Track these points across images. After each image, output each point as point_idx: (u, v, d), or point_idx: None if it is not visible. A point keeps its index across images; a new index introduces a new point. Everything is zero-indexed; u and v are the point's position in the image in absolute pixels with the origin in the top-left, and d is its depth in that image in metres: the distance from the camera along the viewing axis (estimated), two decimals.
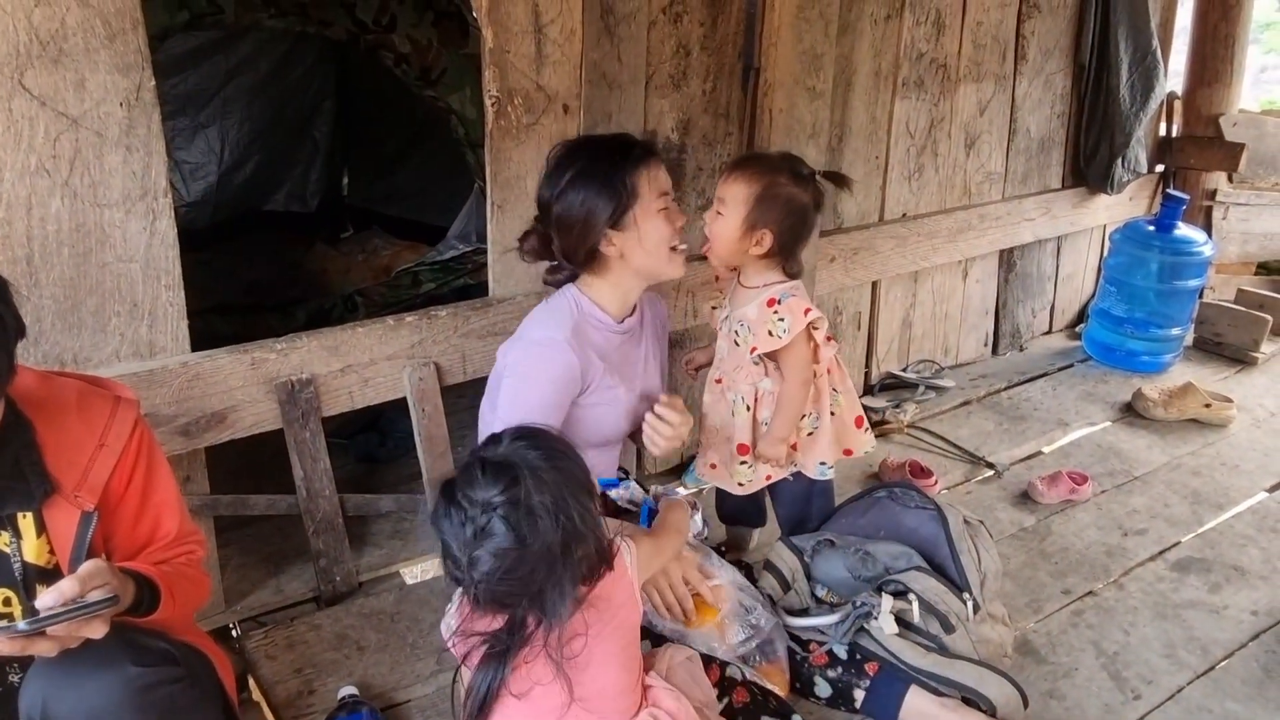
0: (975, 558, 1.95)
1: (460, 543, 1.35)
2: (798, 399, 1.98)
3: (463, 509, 1.35)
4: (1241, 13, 3.62)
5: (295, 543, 2.27)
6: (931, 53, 2.97)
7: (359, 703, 1.77)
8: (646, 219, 1.79)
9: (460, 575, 1.37)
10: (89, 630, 1.19)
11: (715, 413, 2.07)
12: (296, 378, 2.00)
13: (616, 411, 1.90)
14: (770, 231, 1.90)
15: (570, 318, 1.84)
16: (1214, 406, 3.00)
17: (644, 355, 1.98)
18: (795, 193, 1.90)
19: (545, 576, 1.35)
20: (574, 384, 1.81)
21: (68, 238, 1.73)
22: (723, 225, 1.92)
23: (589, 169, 1.78)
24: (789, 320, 1.91)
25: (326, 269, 3.93)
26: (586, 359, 1.82)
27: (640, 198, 1.77)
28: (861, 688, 1.80)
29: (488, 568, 1.33)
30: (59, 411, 1.34)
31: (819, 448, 2.06)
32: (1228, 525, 2.51)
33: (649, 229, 1.79)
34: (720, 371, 2.06)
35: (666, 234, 1.81)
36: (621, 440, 2.04)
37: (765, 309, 1.94)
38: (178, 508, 1.48)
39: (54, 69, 1.63)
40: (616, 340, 1.90)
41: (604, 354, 1.86)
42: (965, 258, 3.30)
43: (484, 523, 1.33)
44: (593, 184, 1.76)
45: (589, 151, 1.82)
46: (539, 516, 1.33)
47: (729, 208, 1.91)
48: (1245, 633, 2.10)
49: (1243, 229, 3.91)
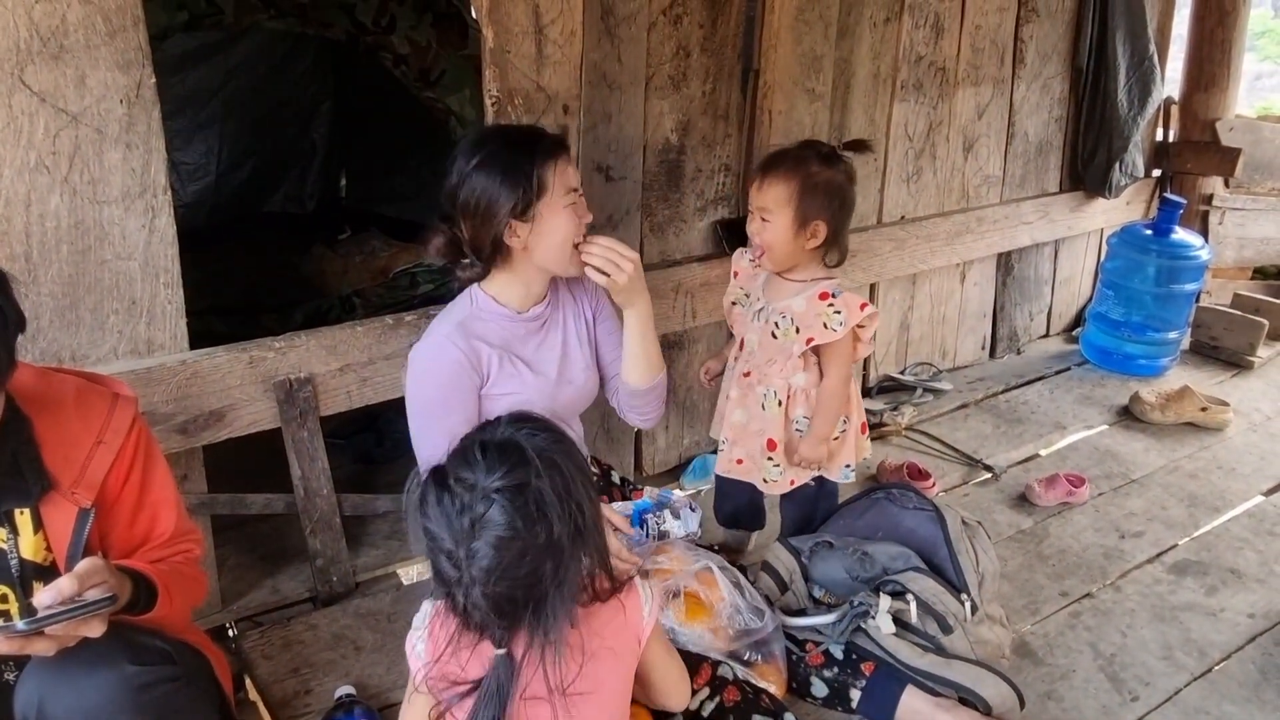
0: (973, 559, 1.95)
1: (455, 534, 1.20)
2: (839, 395, 1.97)
3: (457, 496, 1.20)
4: (1238, 18, 3.64)
5: (292, 543, 2.27)
6: (930, 56, 2.97)
7: (355, 702, 1.76)
8: (553, 213, 1.76)
9: (451, 574, 1.21)
10: (87, 629, 1.19)
11: (742, 407, 2.05)
12: (294, 376, 2.00)
13: (528, 396, 1.85)
14: (823, 221, 1.90)
15: (461, 314, 1.83)
16: (1210, 410, 3.01)
17: (562, 340, 1.94)
18: (831, 175, 1.91)
19: (550, 576, 1.21)
20: (464, 377, 1.79)
21: (67, 235, 1.73)
22: (774, 230, 1.91)
23: (496, 156, 1.74)
24: (845, 314, 1.91)
25: (324, 270, 3.93)
26: (474, 351, 1.80)
27: (547, 191, 1.74)
28: (858, 688, 1.80)
29: (487, 562, 1.18)
30: (57, 408, 1.34)
31: (845, 450, 2.05)
32: (1224, 528, 2.51)
33: (555, 223, 1.76)
34: (750, 365, 2.04)
35: (571, 230, 1.78)
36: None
37: (818, 302, 1.93)
38: (175, 505, 1.47)
39: (54, 65, 1.63)
40: (521, 330, 1.87)
41: (505, 344, 1.84)
42: (963, 261, 3.30)
43: (484, 510, 1.18)
44: (499, 172, 1.73)
45: (498, 140, 1.79)
46: (548, 503, 1.20)
47: (774, 213, 1.90)
48: (1242, 635, 2.10)
49: (1239, 233, 3.92)
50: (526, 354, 1.88)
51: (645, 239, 2.51)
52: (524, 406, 1.82)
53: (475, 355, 1.80)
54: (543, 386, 1.88)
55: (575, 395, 1.96)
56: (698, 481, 2.75)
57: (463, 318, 1.83)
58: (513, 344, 1.86)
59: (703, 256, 2.61)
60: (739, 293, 2.13)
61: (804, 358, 1.97)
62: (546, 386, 1.89)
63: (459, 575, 1.21)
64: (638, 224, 2.48)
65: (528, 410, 1.32)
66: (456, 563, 1.21)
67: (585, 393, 1.99)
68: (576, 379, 1.95)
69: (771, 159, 1.97)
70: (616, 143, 2.35)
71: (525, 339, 1.88)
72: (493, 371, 1.82)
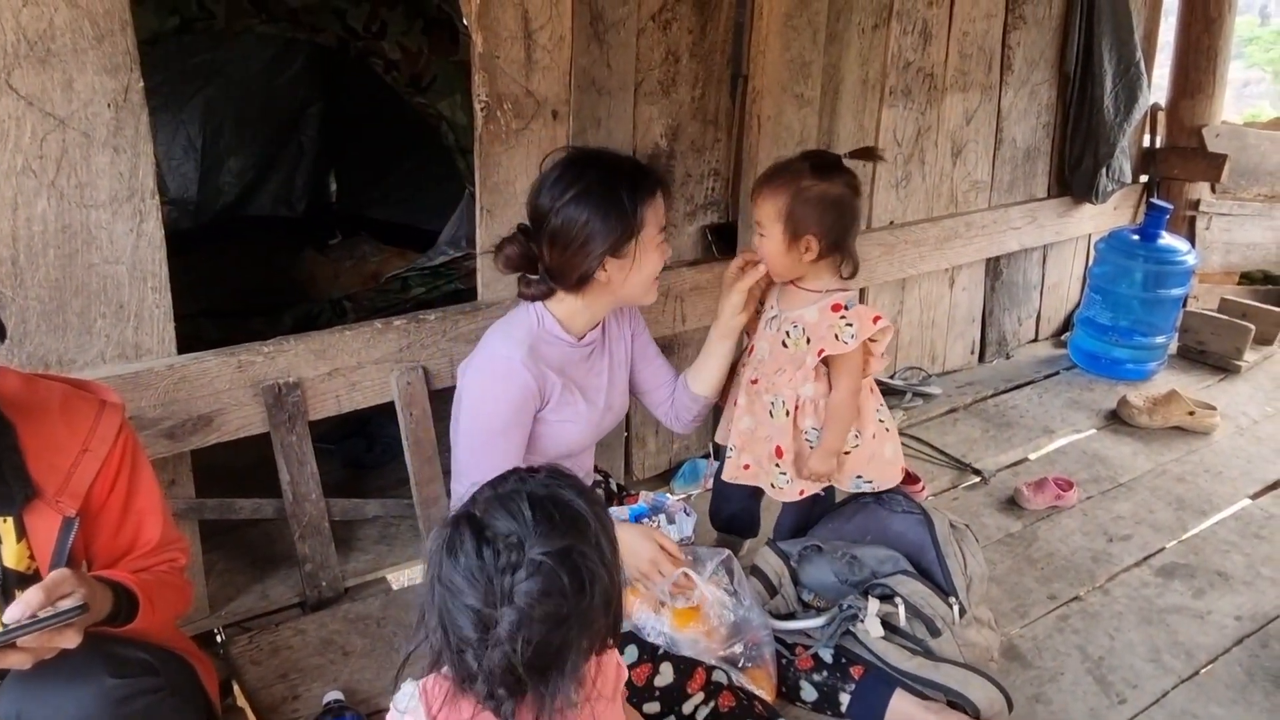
0: (961, 562, 1.96)
1: (489, 592, 1.09)
2: (849, 407, 1.94)
3: (500, 553, 1.09)
4: (1223, 26, 3.67)
5: (280, 548, 2.26)
6: (918, 62, 2.99)
7: (344, 708, 1.76)
8: (646, 252, 1.76)
9: (469, 633, 1.10)
10: (62, 640, 1.17)
11: (750, 415, 2.03)
12: (283, 381, 1.99)
13: (579, 425, 1.89)
14: (814, 235, 1.87)
15: (528, 335, 1.81)
16: (1198, 414, 3.02)
17: (607, 367, 1.96)
18: (825, 188, 1.87)
19: (576, 644, 1.12)
20: (531, 403, 1.79)
21: (54, 238, 1.72)
22: (768, 245, 1.90)
23: (600, 188, 1.70)
24: (856, 326, 1.88)
25: (315, 275, 3.92)
26: (542, 376, 1.79)
27: (645, 229, 1.74)
28: (847, 691, 1.80)
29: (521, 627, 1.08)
30: (42, 414, 1.33)
31: (856, 462, 2.01)
32: (1211, 531, 2.53)
33: (646, 261, 1.77)
34: (758, 373, 2.02)
35: (658, 268, 1.80)
36: (585, 450, 2.02)
37: (830, 313, 1.91)
38: (161, 514, 1.46)
39: (41, 69, 1.63)
40: (576, 355, 1.88)
41: (562, 369, 1.84)
42: (952, 266, 3.32)
43: (529, 572, 1.08)
44: (602, 206, 1.69)
45: (601, 169, 1.74)
46: (593, 571, 1.11)
47: (767, 227, 1.89)
48: (1229, 638, 2.11)
49: (1226, 239, 3.95)
50: (580, 380, 1.89)
51: None
52: (572, 433, 1.87)
53: (543, 381, 1.80)
54: (588, 412, 1.90)
55: (611, 421, 1.99)
56: (687, 486, 2.75)
57: (531, 340, 1.81)
58: (569, 370, 1.86)
59: (692, 261, 2.62)
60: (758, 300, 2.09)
61: (815, 369, 1.95)
62: (594, 415, 1.92)
63: (479, 636, 1.10)
64: None
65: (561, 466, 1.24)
66: (482, 622, 1.09)
67: (620, 417, 2.03)
68: (616, 404, 1.98)
69: (768, 173, 1.94)
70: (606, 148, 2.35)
71: (579, 365, 1.89)
72: (553, 398, 1.83)
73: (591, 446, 2.06)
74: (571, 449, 1.93)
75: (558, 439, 1.88)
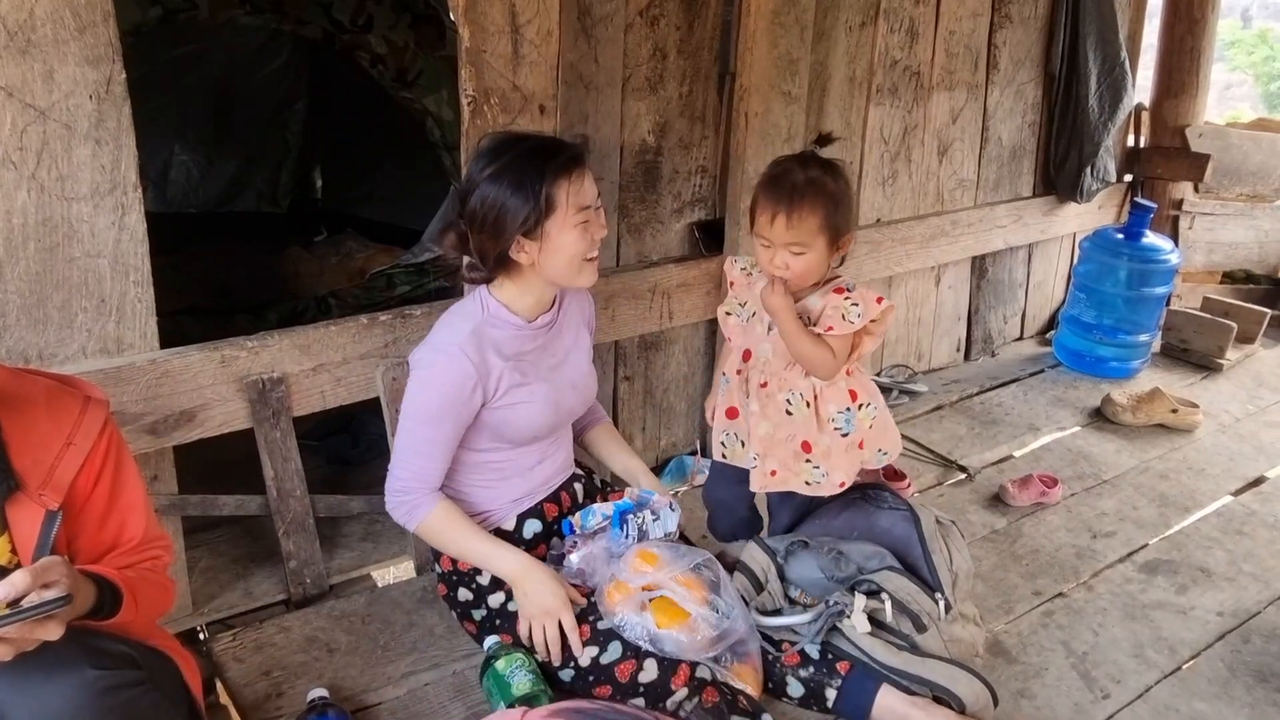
0: (947, 557, 1.96)
1: None
2: (818, 358, 1.90)
3: None
4: (1207, 27, 3.70)
5: (264, 546, 2.25)
6: (905, 60, 3.00)
7: (328, 705, 1.74)
8: (560, 232, 1.73)
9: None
10: (44, 632, 1.16)
11: (766, 419, 2.00)
12: (267, 376, 1.98)
13: (538, 406, 1.87)
14: (849, 231, 1.90)
15: (472, 320, 1.81)
16: (1180, 412, 3.05)
17: (566, 347, 1.95)
18: (842, 186, 1.88)
19: None
20: (468, 391, 1.77)
21: (34, 231, 1.70)
22: (809, 260, 1.86)
23: (508, 169, 1.70)
24: (862, 306, 1.90)
25: (299, 272, 3.90)
26: (485, 363, 1.78)
27: (557, 209, 1.71)
28: (833, 687, 1.80)
29: None
30: (26, 408, 1.32)
31: (876, 436, 2.02)
32: (1194, 528, 2.55)
33: (562, 242, 1.74)
34: (766, 374, 1.99)
35: (581, 249, 1.76)
36: (557, 432, 1.99)
37: (834, 296, 1.92)
38: (144, 511, 1.45)
39: (21, 60, 1.61)
40: (529, 337, 1.86)
41: (514, 352, 1.83)
42: (938, 264, 3.33)
43: None
44: (509, 186, 1.69)
45: (512, 150, 1.73)
46: None
47: (810, 243, 1.85)
48: (1211, 633, 2.13)
49: (1209, 238, 3.98)
50: (536, 361, 1.88)
51: (622, 240, 2.51)
52: (532, 416, 1.86)
53: (486, 370, 1.79)
54: (548, 393, 1.89)
55: (578, 401, 1.97)
56: (674, 483, 2.75)
57: (475, 324, 1.80)
58: (522, 352, 1.86)
59: (680, 258, 2.61)
60: (733, 303, 2.07)
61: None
62: (552, 393, 1.90)
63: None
64: (614, 225, 2.48)
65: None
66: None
67: (586, 396, 2.01)
68: (579, 383, 1.96)
69: (791, 193, 1.84)
70: (593, 143, 2.35)
71: (533, 347, 1.88)
72: (501, 386, 1.81)
73: (564, 433, 2.04)
74: (537, 432, 1.90)
75: (518, 423, 1.86)
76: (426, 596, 2.11)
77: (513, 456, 1.92)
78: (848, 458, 2.02)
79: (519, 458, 1.93)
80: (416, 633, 2.02)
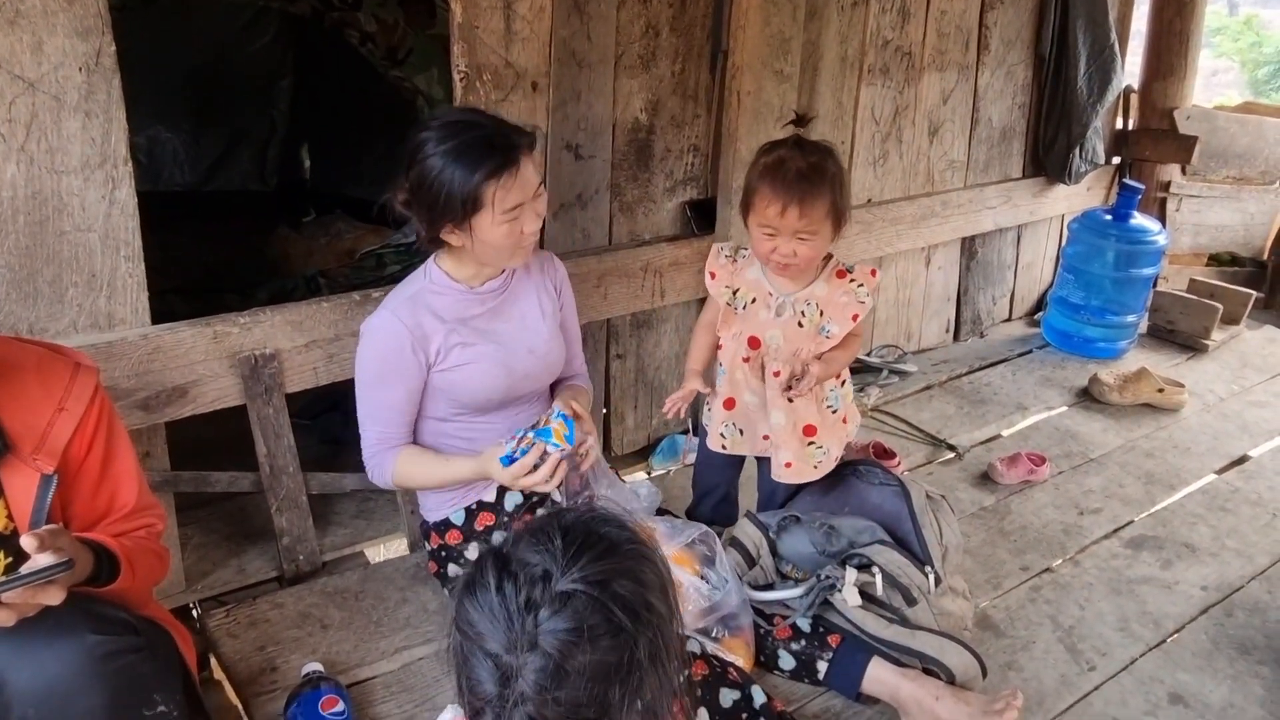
0: (937, 532, 1.98)
1: (510, 634, 0.93)
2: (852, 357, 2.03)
3: (522, 586, 0.94)
4: (1194, 10, 3.71)
5: (257, 523, 2.25)
6: (897, 40, 3.00)
7: (323, 679, 1.75)
8: (486, 229, 1.71)
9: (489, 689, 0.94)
10: (45, 597, 1.17)
11: (777, 408, 1.99)
12: (260, 352, 1.97)
13: (484, 367, 1.85)
14: (848, 211, 1.92)
15: (414, 286, 1.84)
16: (1166, 391, 3.08)
17: (523, 311, 1.92)
18: (838, 168, 1.90)
19: (617, 707, 0.92)
20: (406, 351, 1.78)
21: (23, 205, 1.69)
22: (819, 243, 1.87)
23: (447, 158, 1.67)
24: (865, 284, 1.94)
25: (288, 252, 3.88)
26: (419, 325, 1.79)
27: (483, 209, 1.69)
28: (825, 659, 1.82)
29: (544, 677, 0.91)
30: (17, 373, 1.32)
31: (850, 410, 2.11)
32: (1179, 505, 2.58)
33: (490, 236, 1.73)
34: (777, 363, 1.97)
35: (510, 241, 1.75)
36: (518, 396, 1.95)
37: (838, 280, 1.94)
38: (137, 478, 1.46)
39: (10, 30, 1.59)
40: (473, 302, 1.85)
41: (455, 317, 1.83)
42: (928, 244, 3.34)
43: (554, 608, 0.92)
44: (443, 177, 1.67)
45: (459, 138, 1.69)
46: (633, 611, 0.93)
47: (818, 228, 1.85)
48: (1195, 607, 2.16)
49: (1195, 220, 4.01)
50: (481, 324, 1.87)
51: (614, 218, 2.51)
52: (482, 378, 1.84)
53: (420, 331, 1.79)
54: (498, 355, 1.87)
55: (537, 365, 1.93)
56: (666, 462, 2.76)
57: (415, 291, 1.83)
58: (467, 317, 1.86)
59: (672, 237, 2.62)
60: (727, 293, 2.03)
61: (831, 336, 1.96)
62: (502, 355, 1.87)
63: (499, 691, 0.93)
64: (607, 203, 2.47)
65: (607, 509, 1.07)
66: (503, 673, 0.93)
67: (548, 363, 1.96)
68: (538, 348, 1.93)
69: (799, 180, 1.82)
70: (585, 121, 2.34)
71: (481, 311, 1.87)
72: (442, 349, 1.82)
73: (537, 404, 1.99)
74: (490, 395, 1.88)
75: (470, 384, 1.85)
76: (419, 573, 2.12)
77: (483, 429, 1.91)
78: (837, 433, 2.07)
79: (490, 428, 1.90)
80: (410, 609, 2.03)
